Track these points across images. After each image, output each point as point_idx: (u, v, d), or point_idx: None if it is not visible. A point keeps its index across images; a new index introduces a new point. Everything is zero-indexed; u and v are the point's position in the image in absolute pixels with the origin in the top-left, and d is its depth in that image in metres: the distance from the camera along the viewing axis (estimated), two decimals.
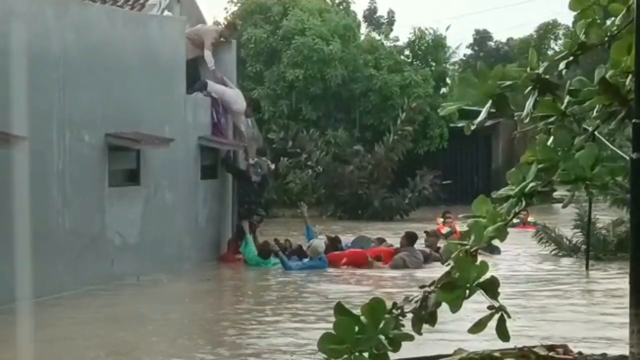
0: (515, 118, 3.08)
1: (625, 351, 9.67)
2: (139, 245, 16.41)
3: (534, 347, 9.99)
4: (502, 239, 2.61)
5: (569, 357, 10.09)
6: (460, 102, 2.60)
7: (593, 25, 2.69)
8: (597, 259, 18.48)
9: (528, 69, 2.65)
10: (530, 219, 24.95)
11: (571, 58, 2.66)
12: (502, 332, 2.50)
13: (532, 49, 2.82)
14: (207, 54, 19.48)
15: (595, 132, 2.82)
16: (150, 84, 16.97)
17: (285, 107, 32.90)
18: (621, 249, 18.27)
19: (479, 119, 2.79)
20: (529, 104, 2.62)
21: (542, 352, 10.04)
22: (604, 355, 10.27)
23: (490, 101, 2.59)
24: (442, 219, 22.58)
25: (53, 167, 14.44)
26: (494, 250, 18.97)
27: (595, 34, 2.67)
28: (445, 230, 20.70)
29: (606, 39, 2.76)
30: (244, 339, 11.67)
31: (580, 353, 10.22)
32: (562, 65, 2.64)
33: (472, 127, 2.80)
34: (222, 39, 20.06)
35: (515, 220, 3.12)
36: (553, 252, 19.88)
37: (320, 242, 18.63)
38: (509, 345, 9.63)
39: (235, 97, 19.72)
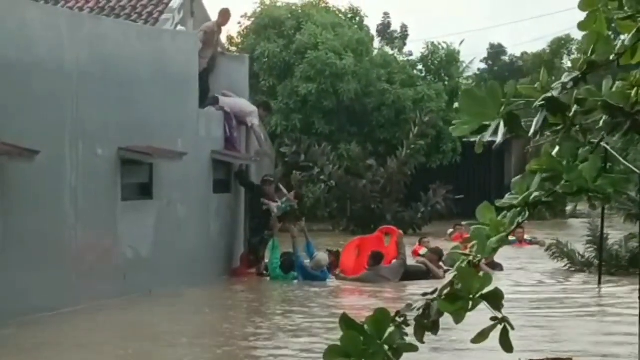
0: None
1: None
2: (151, 258, 16.42)
3: None
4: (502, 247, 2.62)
5: None
6: (471, 120, 2.60)
7: (601, 42, 2.70)
8: (610, 274, 18.44)
9: (539, 87, 2.66)
10: (526, 236, 24.95)
11: (579, 76, 2.66)
12: (505, 344, 2.51)
13: (543, 68, 2.83)
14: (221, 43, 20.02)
15: (607, 146, 2.83)
16: (163, 97, 17.01)
17: (298, 121, 32.95)
18: (634, 264, 18.23)
19: (493, 138, 2.79)
20: (537, 122, 2.62)
21: None
22: None
23: (500, 121, 2.60)
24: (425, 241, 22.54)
25: (66, 181, 14.49)
26: (496, 267, 19.00)
27: (603, 49, 2.68)
28: (422, 251, 20.68)
29: (614, 56, 2.77)
30: (254, 349, 11.68)
31: None
32: (569, 85, 2.65)
33: (483, 146, 2.81)
34: (220, 28, 20.39)
35: (511, 238, 3.13)
36: (566, 267, 19.85)
37: (324, 255, 18.81)
38: (515, 358, 9.66)
39: (247, 104, 19.80)
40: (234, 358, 11.34)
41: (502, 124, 2.57)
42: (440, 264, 18.60)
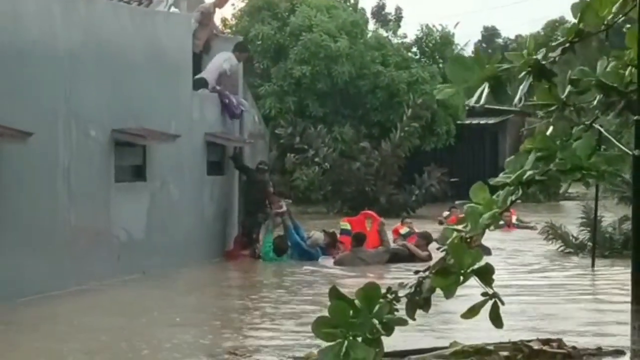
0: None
1: (621, 346, 9.68)
2: (144, 240, 16.41)
3: (530, 340, 10.06)
4: (495, 227, 2.61)
5: (562, 350, 10.12)
6: (456, 85, 2.58)
7: (588, 11, 2.68)
8: (604, 257, 18.47)
9: (525, 54, 2.64)
10: (514, 220, 24.96)
11: (567, 45, 2.65)
12: (496, 319, 2.50)
13: (530, 36, 2.82)
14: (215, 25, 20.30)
15: (601, 128, 2.82)
16: (157, 80, 16.97)
17: (292, 103, 32.92)
18: (627, 246, 18.22)
19: (476, 100, 2.78)
20: (523, 88, 2.61)
21: (537, 346, 10.05)
22: (599, 349, 10.31)
23: (485, 85, 2.58)
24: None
25: (59, 163, 14.45)
26: (485, 250, 18.96)
27: (591, 20, 2.67)
28: (403, 230, 20.70)
29: (603, 27, 2.76)
30: (247, 329, 11.69)
31: (574, 347, 10.26)
32: (557, 52, 2.63)
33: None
34: (215, 10, 20.36)
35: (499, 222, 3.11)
36: (559, 250, 19.88)
37: (320, 234, 19.02)
38: (506, 339, 9.66)
39: (221, 56, 19.55)
40: (226, 337, 11.34)
41: (486, 87, 2.55)
42: (429, 248, 18.57)
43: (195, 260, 17.55)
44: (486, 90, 2.55)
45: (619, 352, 9.89)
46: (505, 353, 9.82)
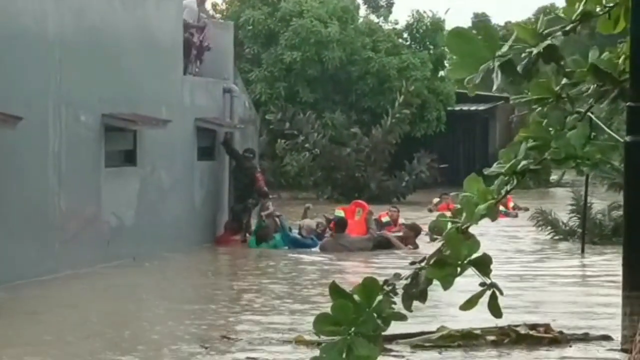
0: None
1: (611, 332, 9.72)
2: (135, 226, 16.40)
3: (517, 325, 10.11)
4: (492, 218, 2.61)
5: (549, 335, 10.17)
6: (465, 62, 2.53)
7: None
8: (593, 243, 18.52)
9: (537, 31, 2.62)
10: (510, 205, 24.95)
11: (570, 26, 2.64)
12: (494, 309, 2.51)
13: (542, 16, 2.79)
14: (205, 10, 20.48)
15: (592, 115, 2.82)
16: (148, 65, 16.94)
17: (282, 89, 32.90)
18: (617, 233, 18.28)
19: (490, 86, 2.73)
20: (527, 64, 2.59)
21: (523, 331, 10.10)
22: (586, 334, 10.37)
23: (496, 64, 2.55)
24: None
25: (49, 148, 14.42)
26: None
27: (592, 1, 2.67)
28: (384, 219, 20.73)
29: (604, 9, 2.76)
30: (236, 314, 11.71)
31: (561, 332, 10.32)
32: (559, 34, 2.62)
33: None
34: None
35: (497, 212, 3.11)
36: (549, 236, 19.93)
37: (311, 222, 19.18)
38: (493, 323, 9.68)
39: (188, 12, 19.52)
40: (217, 322, 11.37)
41: (498, 71, 2.52)
42: (417, 241, 18.56)
43: (186, 246, 17.56)
44: (499, 73, 2.52)
45: (606, 338, 9.94)
46: (492, 337, 9.87)
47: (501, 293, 2.49)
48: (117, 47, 16.07)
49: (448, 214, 2.64)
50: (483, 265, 2.45)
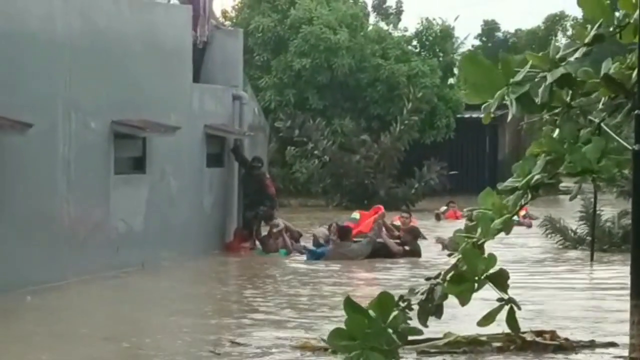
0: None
1: (618, 340, 9.67)
2: (143, 232, 16.39)
3: (523, 332, 10.07)
4: (507, 232, 2.59)
5: (555, 342, 10.13)
6: (480, 88, 2.52)
7: (604, 12, 2.66)
8: (603, 251, 18.47)
9: (549, 59, 2.61)
10: (522, 214, 24.93)
11: (586, 49, 2.62)
12: (512, 324, 2.49)
13: (553, 41, 2.78)
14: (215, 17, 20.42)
15: (606, 128, 2.80)
16: (157, 71, 16.94)
17: (292, 96, 32.89)
18: (626, 241, 18.22)
19: (494, 108, 2.71)
20: (543, 93, 2.58)
21: (530, 338, 10.06)
22: (592, 341, 10.33)
23: (511, 96, 2.54)
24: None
25: (58, 154, 14.43)
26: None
27: (606, 20, 2.65)
28: (396, 224, 20.72)
29: (616, 29, 2.74)
30: (246, 319, 11.70)
31: (567, 339, 10.27)
32: (578, 54, 2.61)
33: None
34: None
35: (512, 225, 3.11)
36: (558, 244, 19.89)
37: (323, 229, 19.10)
38: (499, 330, 9.64)
39: None
40: (227, 328, 11.38)
41: (514, 102, 2.52)
42: (418, 242, 18.62)
43: (195, 253, 17.53)
44: (515, 103, 2.51)
45: (612, 345, 9.91)
46: (498, 344, 9.85)
47: (519, 308, 2.47)
48: (126, 53, 16.08)
49: (456, 222, 2.63)
50: (500, 280, 2.43)
